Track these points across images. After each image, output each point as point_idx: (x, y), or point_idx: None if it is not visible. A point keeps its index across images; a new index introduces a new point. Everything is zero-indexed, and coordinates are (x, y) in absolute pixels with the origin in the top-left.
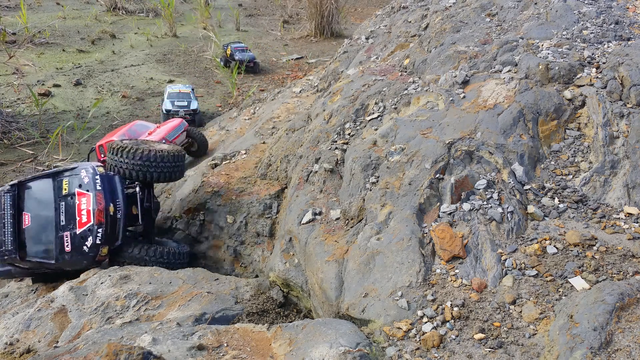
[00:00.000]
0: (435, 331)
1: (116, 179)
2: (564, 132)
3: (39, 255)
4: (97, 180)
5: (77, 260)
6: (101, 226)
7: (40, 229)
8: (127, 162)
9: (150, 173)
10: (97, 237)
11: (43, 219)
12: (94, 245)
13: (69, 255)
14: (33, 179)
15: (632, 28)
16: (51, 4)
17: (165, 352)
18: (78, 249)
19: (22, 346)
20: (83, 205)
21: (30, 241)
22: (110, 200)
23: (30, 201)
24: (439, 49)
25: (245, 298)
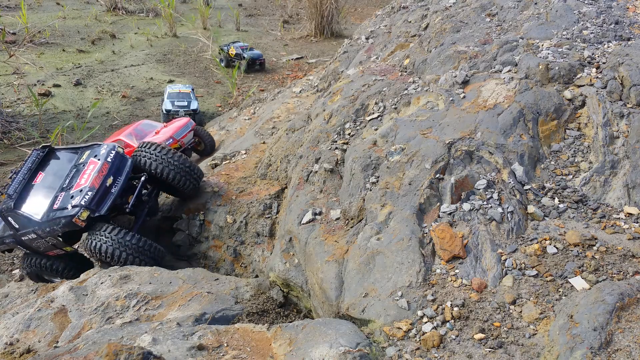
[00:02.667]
0: (435, 331)
1: (128, 163)
2: (564, 132)
3: (30, 210)
4: (111, 154)
5: (57, 219)
6: (92, 190)
7: (46, 188)
8: (152, 155)
9: (168, 171)
10: (84, 198)
11: (52, 180)
12: (78, 205)
13: (53, 213)
14: (64, 149)
15: (632, 28)
16: (51, 4)
17: (165, 352)
18: (63, 207)
19: (22, 346)
20: (88, 170)
21: (31, 196)
22: (112, 174)
23: (51, 164)
24: (439, 49)
25: (245, 298)
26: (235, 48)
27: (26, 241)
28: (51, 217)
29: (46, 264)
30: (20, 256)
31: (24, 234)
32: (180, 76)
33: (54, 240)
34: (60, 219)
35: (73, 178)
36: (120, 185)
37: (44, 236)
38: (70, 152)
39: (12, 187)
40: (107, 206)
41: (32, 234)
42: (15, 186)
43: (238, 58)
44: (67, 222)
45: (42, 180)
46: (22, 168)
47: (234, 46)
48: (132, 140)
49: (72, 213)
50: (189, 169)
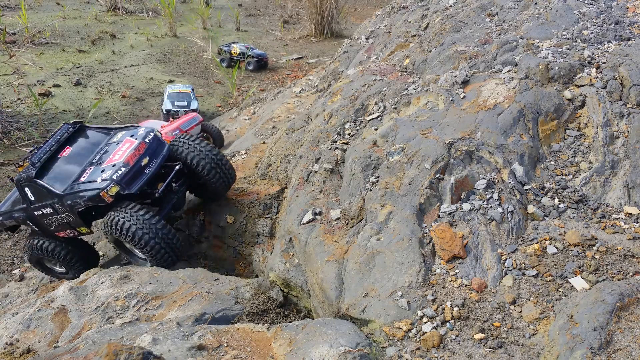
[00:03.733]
0: (435, 331)
1: (165, 148)
2: (564, 132)
3: (52, 182)
4: (149, 136)
5: (81, 192)
6: (126, 166)
7: (72, 162)
8: (190, 145)
9: (205, 163)
10: (116, 173)
11: (80, 156)
12: (108, 179)
13: (78, 185)
14: (96, 127)
15: (632, 28)
16: (51, 4)
17: (165, 352)
18: (91, 180)
19: (22, 346)
20: (123, 148)
21: (55, 168)
22: (149, 154)
23: (81, 140)
24: (439, 49)
25: (245, 298)
26: (238, 47)
27: (38, 216)
28: (75, 190)
29: (49, 248)
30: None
31: (39, 208)
32: (180, 76)
33: (71, 217)
34: (86, 191)
35: (105, 154)
36: (155, 168)
37: (61, 211)
38: (102, 132)
39: (37, 156)
40: (139, 186)
41: (49, 208)
42: (40, 155)
43: (242, 57)
44: (93, 196)
45: (69, 154)
46: (49, 140)
47: (236, 45)
48: None
49: (100, 186)
50: (225, 167)
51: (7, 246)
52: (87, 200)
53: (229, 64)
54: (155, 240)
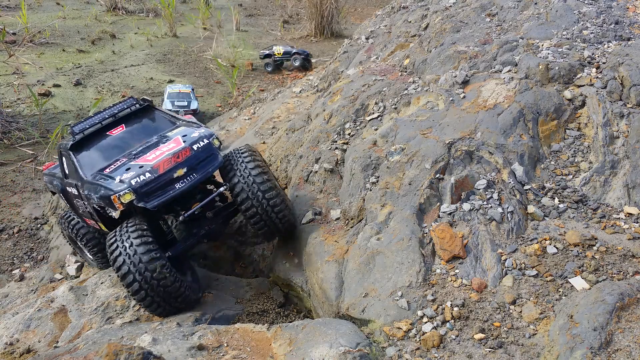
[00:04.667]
0: (435, 331)
1: (216, 162)
2: (564, 132)
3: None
4: (201, 142)
5: (97, 187)
6: (153, 173)
7: (117, 145)
8: (240, 169)
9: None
10: (138, 177)
11: (129, 140)
12: (126, 183)
13: (99, 177)
14: (165, 113)
15: (632, 28)
16: (51, 4)
17: (165, 352)
18: (111, 177)
19: (22, 346)
20: (164, 148)
21: (95, 146)
22: (187, 166)
23: (139, 123)
24: (439, 49)
25: (245, 298)
26: (281, 48)
27: (69, 194)
28: (95, 181)
29: (81, 231)
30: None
31: (69, 185)
32: (180, 76)
33: (88, 208)
34: (101, 188)
35: (146, 149)
36: (188, 185)
37: (82, 198)
38: (167, 120)
39: (81, 125)
40: (160, 202)
41: (74, 189)
42: (84, 126)
43: (287, 56)
44: (103, 196)
45: (119, 134)
46: (104, 111)
47: (279, 47)
48: None
49: (113, 189)
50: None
51: (7, 246)
52: (98, 199)
53: (274, 67)
54: (138, 283)
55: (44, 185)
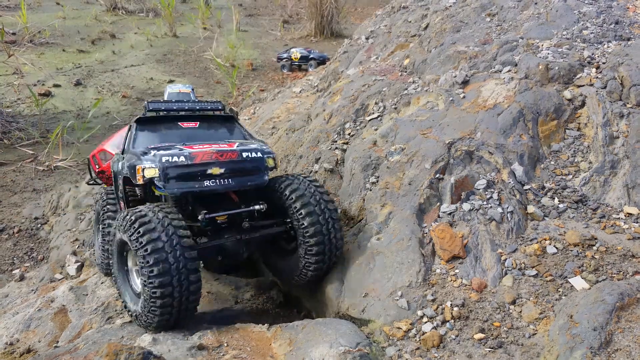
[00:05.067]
0: (435, 331)
1: (257, 180)
2: (564, 132)
3: (139, 138)
4: (251, 154)
5: (133, 157)
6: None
7: (181, 134)
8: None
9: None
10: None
11: (193, 135)
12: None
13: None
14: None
15: (632, 28)
16: (51, 4)
17: (166, 352)
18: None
19: (22, 346)
20: (214, 145)
21: (161, 129)
22: (228, 168)
23: (213, 125)
24: (439, 49)
25: (245, 298)
26: (298, 52)
27: (119, 167)
28: (133, 152)
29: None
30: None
31: (119, 159)
32: (180, 76)
33: (120, 182)
34: (134, 157)
35: (201, 143)
36: (219, 188)
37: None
38: (241, 134)
39: (156, 104)
40: (180, 190)
41: (119, 165)
42: (159, 106)
43: (304, 61)
44: (131, 165)
45: (190, 128)
46: (190, 102)
47: (295, 50)
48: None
49: (144, 160)
50: (335, 242)
51: (7, 246)
52: (127, 168)
53: (290, 69)
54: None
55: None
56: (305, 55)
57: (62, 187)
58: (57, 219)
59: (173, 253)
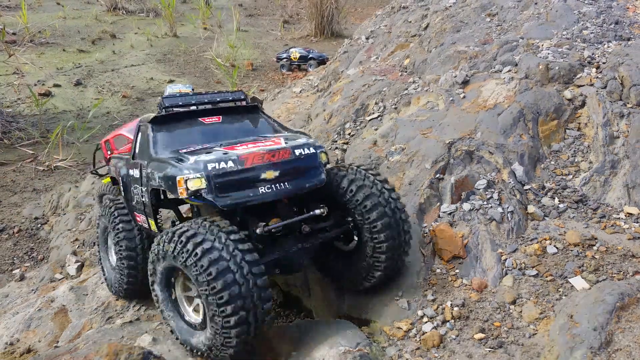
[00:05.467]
0: (435, 331)
1: (316, 180)
2: (564, 132)
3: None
4: (304, 151)
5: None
6: (237, 165)
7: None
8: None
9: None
10: (217, 163)
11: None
12: (202, 166)
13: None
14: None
15: (632, 28)
16: (51, 4)
17: (166, 352)
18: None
19: (22, 346)
20: (260, 143)
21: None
22: (282, 171)
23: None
24: (439, 49)
25: None
26: (297, 52)
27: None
28: (162, 158)
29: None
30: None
31: (134, 166)
32: (181, 76)
33: (144, 195)
34: (168, 166)
35: (239, 142)
36: (277, 194)
37: (143, 182)
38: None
39: (173, 100)
40: (234, 203)
41: (137, 171)
42: (176, 101)
43: (303, 60)
44: (167, 176)
45: (213, 124)
46: (206, 94)
47: (295, 50)
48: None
49: (183, 169)
50: (405, 236)
51: (7, 246)
52: (159, 180)
53: (289, 68)
54: (242, 301)
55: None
56: (304, 55)
57: (62, 187)
58: (57, 219)
59: (240, 272)
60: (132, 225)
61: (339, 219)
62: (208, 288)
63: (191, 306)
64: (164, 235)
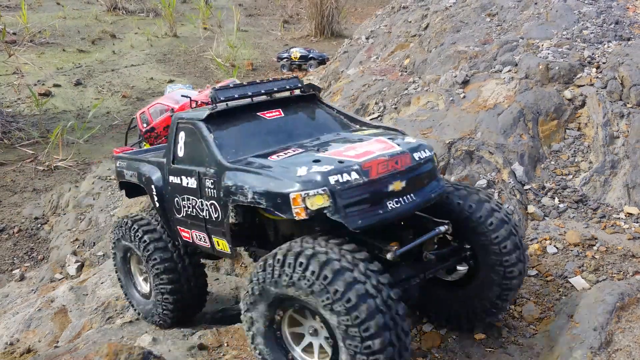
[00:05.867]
0: (435, 331)
1: (438, 188)
2: (564, 132)
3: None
4: (422, 153)
5: (262, 177)
6: (363, 176)
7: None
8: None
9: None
10: (339, 175)
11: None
12: (321, 178)
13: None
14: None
15: (632, 28)
16: (51, 4)
17: (166, 352)
18: (288, 166)
19: (22, 346)
20: (368, 145)
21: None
22: (407, 180)
23: (299, 110)
24: (439, 49)
25: None
26: (298, 51)
27: (171, 186)
28: (251, 169)
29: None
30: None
31: (180, 173)
32: (181, 76)
33: (217, 211)
34: (268, 180)
35: (331, 143)
36: (408, 208)
37: (208, 194)
38: (337, 119)
39: (226, 92)
40: (366, 223)
41: (193, 180)
42: (231, 94)
43: (303, 60)
44: (273, 192)
45: (276, 119)
46: (257, 83)
47: (295, 50)
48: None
49: (296, 183)
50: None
51: (7, 246)
52: (259, 196)
53: (290, 68)
54: (386, 325)
55: (43, 186)
56: (305, 55)
57: (62, 187)
58: (57, 219)
59: (380, 298)
60: (170, 251)
61: (460, 242)
62: (348, 318)
63: (298, 346)
64: (269, 260)
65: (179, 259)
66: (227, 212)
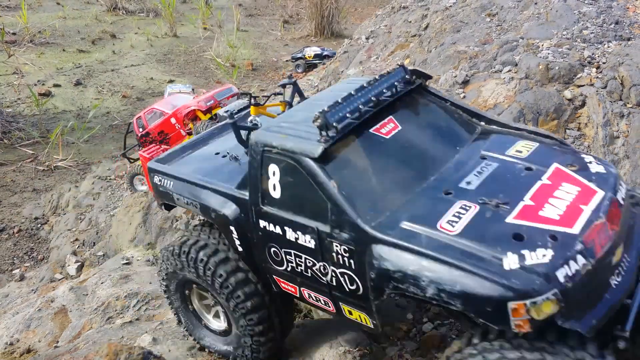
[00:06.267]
0: (435, 331)
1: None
2: (564, 132)
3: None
4: (621, 190)
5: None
6: (589, 258)
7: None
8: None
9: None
10: (566, 265)
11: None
12: (550, 272)
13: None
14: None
15: (632, 28)
16: (51, 4)
17: (166, 352)
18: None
19: (22, 346)
20: (564, 194)
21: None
22: (624, 239)
23: (412, 114)
24: (439, 49)
25: None
26: (312, 51)
27: (264, 233)
28: (423, 249)
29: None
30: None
31: (281, 222)
32: (180, 76)
33: (359, 286)
34: (461, 276)
35: (491, 176)
36: (629, 278)
37: (340, 262)
38: (456, 117)
39: (338, 112)
40: (599, 322)
41: (304, 236)
42: (342, 114)
43: (318, 59)
44: (477, 300)
45: (397, 138)
46: (370, 88)
47: (309, 50)
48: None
49: (517, 285)
50: None
51: (7, 246)
52: (450, 296)
53: (305, 68)
54: None
55: (43, 186)
56: (319, 54)
57: (62, 187)
58: (57, 219)
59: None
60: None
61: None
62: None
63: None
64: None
65: (264, 289)
66: (378, 295)
